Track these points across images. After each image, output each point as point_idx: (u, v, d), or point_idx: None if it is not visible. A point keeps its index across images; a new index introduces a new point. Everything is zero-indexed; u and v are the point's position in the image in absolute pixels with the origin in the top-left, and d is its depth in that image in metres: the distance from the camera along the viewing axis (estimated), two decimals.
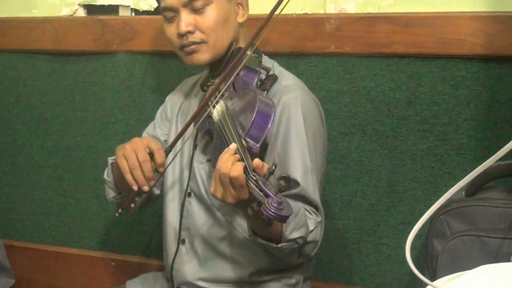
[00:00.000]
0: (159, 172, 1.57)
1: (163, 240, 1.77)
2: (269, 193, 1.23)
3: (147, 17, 2.18)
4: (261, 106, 1.41)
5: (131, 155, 1.55)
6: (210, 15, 1.59)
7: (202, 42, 1.60)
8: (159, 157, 1.56)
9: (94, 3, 2.26)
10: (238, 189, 1.32)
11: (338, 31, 1.90)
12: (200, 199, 1.67)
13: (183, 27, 1.58)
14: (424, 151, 1.88)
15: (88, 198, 2.37)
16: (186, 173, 1.69)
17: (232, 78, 1.53)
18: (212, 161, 1.47)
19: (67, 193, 2.39)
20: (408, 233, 1.09)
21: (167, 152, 1.59)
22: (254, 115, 1.40)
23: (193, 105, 1.75)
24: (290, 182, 1.26)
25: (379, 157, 1.93)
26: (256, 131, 1.40)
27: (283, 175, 1.25)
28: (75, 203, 2.39)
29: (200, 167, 1.66)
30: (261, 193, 1.24)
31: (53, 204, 2.42)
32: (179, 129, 1.76)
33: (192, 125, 1.67)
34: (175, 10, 1.60)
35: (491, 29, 1.74)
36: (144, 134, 1.88)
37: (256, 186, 1.26)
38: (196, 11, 1.58)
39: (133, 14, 2.23)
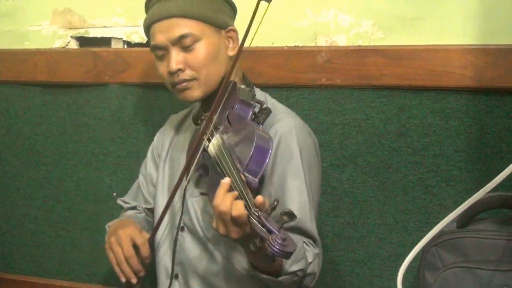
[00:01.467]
0: (145, 263, 1.60)
1: (156, 274, 1.75)
2: (272, 229, 1.22)
3: (139, 49, 2.18)
4: (259, 141, 1.41)
5: (117, 250, 1.59)
6: (200, 52, 1.58)
7: (193, 79, 1.59)
8: (144, 251, 1.59)
9: (87, 36, 2.27)
10: (241, 225, 1.30)
11: (329, 64, 1.90)
12: (194, 233, 1.65)
13: (173, 66, 1.58)
14: (415, 182, 1.87)
15: (79, 230, 2.34)
16: (178, 207, 1.68)
17: (225, 111, 1.53)
18: (210, 196, 1.45)
19: (58, 224, 2.37)
20: (400, 265, 1.09)
21: (151, 242, 1.61)
22: (253, 149, 1.39)
23: (185, 139, 1.74)
24: (293, 218, 1.24)
25: (370, 188, 1.92)
26: (255, 165, 1.39)
27: (286, 210, 1.24)
28: (66, 235, 2.36)
29: (194, 201, 1.65)
30: (263, 229, 1.23)
31: (44, 236, 2.39)
32: (172, 167, 1.77)
33: (183, 157, 1.66)
34: (164, 48, 1.60)
35: (481, 61, 1.75)
36: (140, 177, 1.89)
37: (259, 222, 1.25)
38: (186, 48, 1.58)
39: (125, 46, 2.23)
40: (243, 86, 1.61)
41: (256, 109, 1.58)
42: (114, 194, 2.13)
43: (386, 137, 1.89)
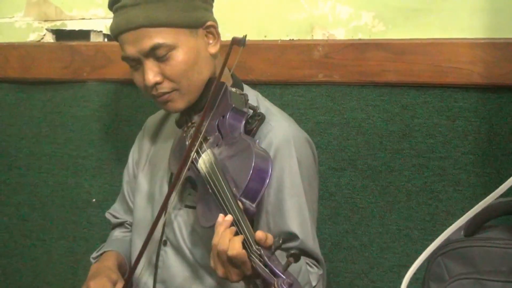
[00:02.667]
0: None
1: None
2: (277, 271, 1.18)
3: None
4: (258, 161, 1.36)
5: None
6: (176, 61, 1.54)
7: (174, 90, 1.56)
8: None
9: (64, 28, 2.27)
10: (240, 266, 1.27)
11: (327, 59, 1.91)
12: (178, 249, 1.63)
13: (150, 80, 1.54)
14: (420, 187, 1.88)
15: (55, 240, 2.34)
16: (160, 220, 1.65)
17: (215, 119, 1.51)
18: (200, 221, 1.41)
19: (32, 234, 2.36)
20: (403, 276, 1.09)
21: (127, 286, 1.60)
22: (251, 172, 1.34)
23: (166, 142, 1.72)
24: (299, 259, 1.21)
25: (371, 194, 1.93)
26: (253, 189, 1.34)
27: (293, 252, 1.20)
28: (41, 245, 2.36)
29: (177, 214, 1.63)
30: (266, 270, 1.20)
31: (17, 246, 2.39)
32: (151, 173, 1.75)
33: (164, 162, 1.65)
34: (137, 60, 1.56)
35: (490, 56, 1.75)
36: (124, 185, 1.88)
37: (261, 261, 1.22)
38: (161, 58, 1.53)
39: (105, 40, 2.23)
40: (234, 89, 1.57)
41: (249, 115, 1.55)
42: (94, 200, 2.13)
43: (388, 138, 1.89)
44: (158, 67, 1.55)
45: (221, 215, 1.31)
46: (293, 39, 1.98)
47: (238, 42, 1.46)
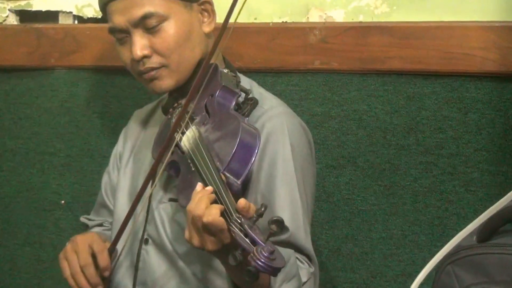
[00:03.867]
0: (104, 276, 1.61)
1: None
2: (257, 239, 1.21)
3: (93, 25, 2.18)
4: (244, 136, 1.40)
5: (72, 258, 1.60)
6: (168, 33, 1.57)
7: (162, 66, 1.59)
8: (102, 260, 1.60)
9: (29, 9, 2.26)
10: (217, 234, 1.29)
11: (324, 44, 1.91)
12: (160, 247, 1.63)
13: (138, 52, 1.57)
14: (427, 187, 1.89)
15: (19, 246, 2.33)
16: (141, 215, 1.67)
17: (203, 99, 1.53)
18: (181, 200, 1.45)
19: None
20: (409, 286, 1.09)
21: (111, 251, 1.62)
22: (236, 145, 1.38)
23: (153, 135, 1.72)
24: (283, 227, 1.24)
25: (374, 195, 1.93)
26: (238, 165, 1.38)
27: (275, 218, 1.23)
28: (3, 252, 2.35)
29: (160, 208, 1.64)
30: (246, 239, 1.22)
31: None
32: (135, 167, 1.76)
33: (150, 155, 1.65)
34: (125, 32, 1.59)
35: (506, 41, 1.76)
36: (103, 188, 1.88)
37: (241, 231, 1.24)
38: (151, 30, 1.57)
39: (75, 22, 2.23)
40: (225, 71, 1.60)
41: (241, 99, 1.57)
42: (63, 202, 2.12)
43: (393, 133, 1.90)
44: (148, 39, 1.58)
45: (199, 184, 1.35)
46: (286, 22, 1.98)
47: None
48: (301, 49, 1.93)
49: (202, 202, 1.30)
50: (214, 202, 1.31)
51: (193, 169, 1.42)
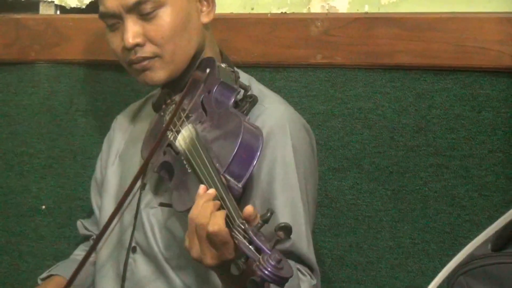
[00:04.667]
0: None
1: None
2: (263, 247, 1.21)
3: (77, 16, 2.18)
4: (246, 135, 1.40)
5: None
6: (164, 21, 1.57)
7: (156, 56, 1.59)
8: None
9: None
10: (220, 247, 1.30)
11: (327, 36, 1.91)
12: (149, 256, 1.63)
13: (130, 40, 1.57)
14: (438, 192, 1.89)
15: None
16: (129, 221, 1.67)
17: (199, 95, 1.53)
18: (176, 205, 1.45)
19: None
20: None
21: None
22: (237, 146, 1.38)
23: (142, 133, 1.73)
24: (290, 233, 1.24)
25: (380, 200, 1.94)
26: (239, 167, 1.38)
27: (283, 224, 1.23)
28: None
29: (150, 213, 1.64)
30: (251, 247, 1.22)
31: None
32: (123, 168, 1.76)
33: (139, 155, 1.66)
34: (117, 17, 1.59)
35: None
36: (92, 195, 1.89)
37: (245, 238, 1.24)
38: (145, 16, 1.57)
39: (58, 12, 2.23)
40: (223, 65, 1.60)
41: (239, 96, 1.57)
42: (43, 207, 2.12)
43: (401, 133, 1.90)
44: (141, 26, 1.58)
45: (202, 186, 1.35)
46: (286, 13, 1.98)
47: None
48: (301, 42, 1.93)
49: (207, 209, 1.30)
50: (218, 208, 1.31)
51: (189, 170, 1.42)
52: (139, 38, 1.58)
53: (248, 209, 1.27)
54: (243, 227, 1.25)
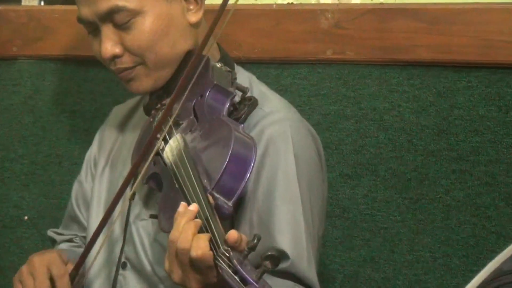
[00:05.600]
0: None
1: None
2: (248, 278, 1.19)
3: (62, 7, 2.18)
4: (237, 147, 1.39)
5: (28, 283, 1.61)
6: (140, 30, 1.57)
7: (138, 64, 1.60)
8: (60, 286, 1.60)
9: None
10: (205, 272, 1.29)
11: (338, 29, 1.92)
12: (140, 272, 1.63)
13: (106, 51, 1.58)
14: (461, 200, 1.89)
15: None
16: (118, 234, 1.68)
17: (191, 100, 1.52)
18: (161, 223, 1.44)
19: None
20: None
21: (73, 276, 1.61)
22: (227, 159, 1.36)
23: (133, 138, 1.73)
24: (278, 263, 1.22)
25: (397, 209, 1.94)
26: (229, 182, 1.37)
27: (270, 253, 1.21)
28: None
29: (140, 226, 1.64)
30: (236, 277, 1.20)
31: None
32: (112, 177, 1.76)
33: (129, 163, 1.65)
34: (94, 25, 1.59)
35: None
36: (73, 196, 1.88)
37: (229, 267, 1.22)
38: (121, 26, 1.57)
39: (42, 3, 2.24)
40: (219, 65, 1.59)
41: (237, 99, 1.56)
42: (26, 217, 2.12)
43: (420, 136, 1.90)
44: (118, 36, 1.58)
45: (182, 204, 1.34)
46: (292, 3, 1.99)
47: None
48: (310, 36, 1.94)
49: (189, 231, 1.29)
50: (201, 229, 1.31)
51: (176, 186, 1.42)
52: (116, 48, 1.58)
53: (232, 234, 1.26)
54: (227, 254, 1.24)
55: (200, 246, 1.27)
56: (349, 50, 1.92)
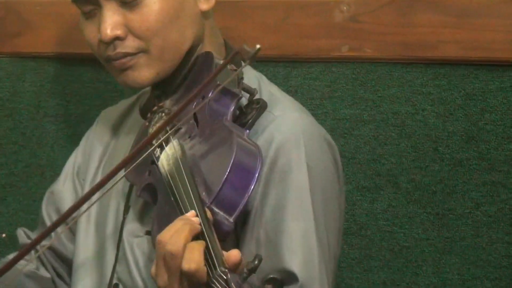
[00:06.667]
0: None
1: None
2: None
3: None
4: (240, 156, 1.37)
5: None
6: (150, 9, 1.57)
7: (140, 51, 1.59)
8: None
9: None
10: (195, 286, 1.27)
11: (354, 24, 1.92)
12: None
13: (107, 31, 1.56)
14: (493, 216, 1.88)
15: None
16: (110, 252, 1.67)
17: (191, 103, 1.50)
18: (154, 238, 1.41)
19: None
20: None
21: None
22: (228, 169, 1.35)
23: (128, 144, 1.73)
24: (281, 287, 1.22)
25: (421, 226, 1.93)
26: (231, 195, 1.36)
27: (272, 276, 1.21)
28: None
29: (134, 244, 1.63)
30: None
31: None
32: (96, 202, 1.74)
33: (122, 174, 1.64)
34: (94, 2, 1.59)
35: None
36: (48, 194, 1.88)
37: None
38: (128, 3, 1.57)
39: None
40: (228, 66, 1.55)
41: (244, 100, 1.56)
42: (3, 235, 2.11)
43: (447, 143, 1.90)
44: (123, 15, 1.57)
45: (192, 212, 1.32)
46: None
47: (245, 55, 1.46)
48: (323, 31, 1.94)
49: (181, 236, 1.27)
50: (197, 237, 1.29)
51: (172, 199, 1.41)
52: (119, 29, 1.57)
53: (235, 255, 1.25)
54: (224, 277, 1.22)
55: (193, 259, 1.25)
56: (367, 47, 1.92)
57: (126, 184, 1.64)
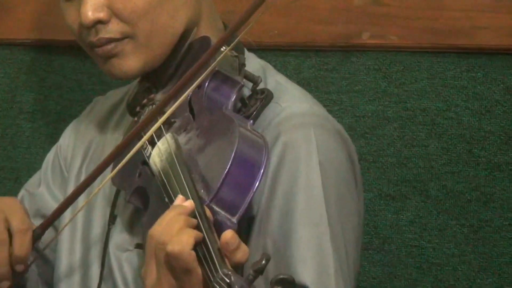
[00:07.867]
0: (16, 270, 1.57)
1: None
2: None
3: None
4: (242, 148, 1.37)
5: None
6: None
7: (126, 37, 1.59)
8: (19, 244, 1.56)
9: None
10: (180, 276, 1.26)
11: (376, 7, 1.91)
12: None
13: (88, 14, 1.56)
14: None
15: None
16: (95, 267, 1.68)
17: (187, 93, 1.48)
18: (145, 242, 1.42)
19: None
20: None
21: (37, 235, 1.57)
22: (229, 163, 1.35)
23: (115, 141, 1.73)
24: None
25: (453, 240, 1.92)
26: (233, 193, 1.36)
27: (282, 276, 1.18)
28: None
29: (123, 258, 1.63)
30: None
31: None
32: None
33: (108, 178, 1.60)
34: None
35: None
36: (22, 192, 1.88)
37: None
38: None
39: None
40: (223, 48, 1.54)
41: (246, 91, 1.56)
42: None
43: (483, 145, 1.89)
44: None
45: (180, 197, 1.34)
46: None
47: None
48: (341, 15, 1.93)
49: (175, 225, 1.27)
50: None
51: (166, 200, 1.39)
52: (101, 12, 1.57)
53: (227, 234, 1.25)
54: (227, 280, 1.21)
55: (180, 241, 1.24)
56: (391, 33, 1.91)
57: (113, 187, 1.65)
